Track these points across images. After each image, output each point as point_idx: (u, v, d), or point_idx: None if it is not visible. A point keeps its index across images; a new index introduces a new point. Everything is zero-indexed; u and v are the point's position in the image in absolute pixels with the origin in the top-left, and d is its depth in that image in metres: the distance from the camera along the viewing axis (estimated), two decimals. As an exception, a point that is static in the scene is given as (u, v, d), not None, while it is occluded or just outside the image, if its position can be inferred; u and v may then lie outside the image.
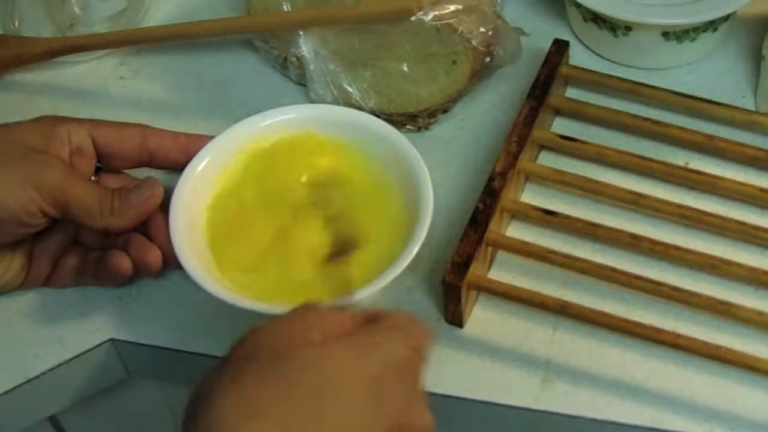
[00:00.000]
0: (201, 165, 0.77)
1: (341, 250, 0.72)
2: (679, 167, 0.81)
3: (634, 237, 0.77)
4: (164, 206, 0.76)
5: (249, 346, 0.58)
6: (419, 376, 0.60)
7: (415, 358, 0.60)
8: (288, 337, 0.57)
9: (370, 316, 0.61)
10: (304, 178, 0.78)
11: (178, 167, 0.77)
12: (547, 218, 0.79)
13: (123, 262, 0.75)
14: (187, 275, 0.72)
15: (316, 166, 0.79)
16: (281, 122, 0.80)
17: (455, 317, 0.76)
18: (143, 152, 0.77)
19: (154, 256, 0.76)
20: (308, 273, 0.73)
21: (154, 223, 0.76)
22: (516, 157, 0.80)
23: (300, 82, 0.90)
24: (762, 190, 0.80)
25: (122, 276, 0.76)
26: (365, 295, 0.70)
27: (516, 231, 0.81)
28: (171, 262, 0.75)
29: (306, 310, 0.60)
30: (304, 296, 0.64)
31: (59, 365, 0.77)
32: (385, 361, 0.58)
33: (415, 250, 0.71)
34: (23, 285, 0.78)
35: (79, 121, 0.77)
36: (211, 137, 0.78)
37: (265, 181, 0.78)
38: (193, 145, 0.78)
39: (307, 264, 0.74)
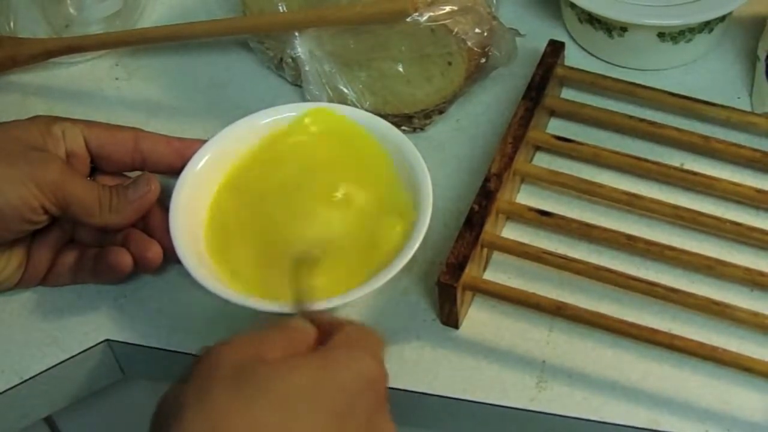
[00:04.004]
0: (200, 163, 0.77)
1: (307, 260, 0.71)
2: (675, 168, 0.82)
3: (630, 238, 0.77)
4: (162, 202, 0.76)
5: (212, 362, 0.57)
6: (384, 389, 0.60)
7: (380, 371, 0.59)
8: (250, 352, 0.57)
9: (325, 329, 0.61)
10: (302, 177, 0.78)
11: (171, 171, 0.77)
12: (543, 219, 0.79)
13: (124, 258, 0.76)
14: (183, 275, 0.72)
15: (314, 165, 0.79)
16: (280, 121, 0.80)
17: (451, 318, 0.76)
18: (136, 155, 0.77)
19: (154, 252, 0.76)
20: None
21: (152, 219, 0.77)
22: (511, 158, 0.80)
23: (295, 83, 0.90)
24: (757, 191, 0.80)
25: (123, 272, 0.76)
26: (362, 296, 0.70)
27: (511, 232, 0.81)
28: (170, 258, 0.76)
29: (260, 330, 0.60)
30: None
31: (54, 366, 0.77)
32: (352, 375, 0.57)
33: (412, 251, 0.71)
34: (20, 283, 0.78)
35: (73, 121, 0.77)
36: (206, 141, 0.78)
37: (263, 179, 0.78)
38: (188, 149, 0.78)
39: None
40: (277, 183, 0.78)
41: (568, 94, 0.88)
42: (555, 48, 0.86)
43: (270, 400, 0.55)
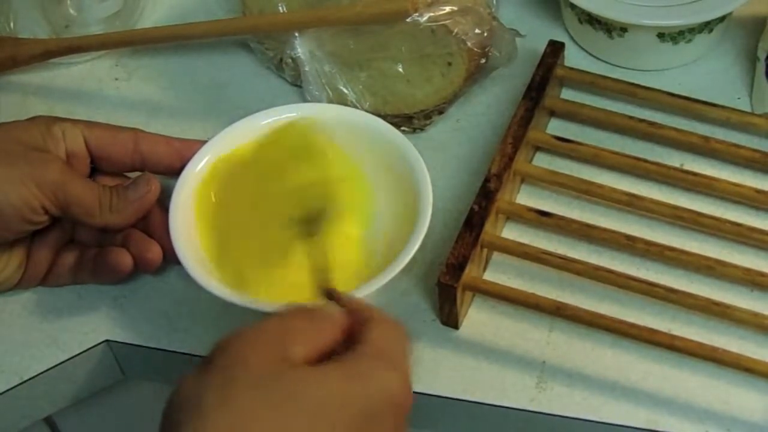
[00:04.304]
0: (200, 164, 0.77)
1: (312, 219, 0.71)
2: (675, 168, 0.82)
3: (630, 238, 0.77)
4: (162, 202, 0.76)
5: (233, 355, 0.56)
6: (408, 410, 0.59)
7: (407, 392, 0.59)
8: (276, 350, 0.57)
9: (356, 319, 0.60)
10: (302, 177, 0.78)
11: (171, 172, 0.77)
12: (543, 219, 0.79)
13: (124, 259, 0.76)
14: (182, 276, 0.72)
15: (314, 165, 0.79)
16: (280, 121, 0.80)
17: (450, 319, 0.76)
18: (135, 156, 0.77)
19: (154, 252, 0.76)
20: (304, 273, 0.73)
21: (152, 219, 0.77)
22: (511, 159, 0.80)
23: (295, 84, 0.90)
24: (757, 191, 0.80)
25: (123, 272, 0.76)
26: (362, 297, 0.70)
27: (511, 232, 0.81)
28: (170, 258, 0.76)
29: (286, 318, 0.59)
30: (301, 295, 0.64)
31: (55, 366, 0.77)
32: (378, 393, 0.57)
33: (412, 252, 0.71)
34: (20, 284, 0.78)
35: (73, 121, 0.77)
36: (206, 141, 0.78)
37: (263, 180, 0.78)
38: (187, 150, 0.78)
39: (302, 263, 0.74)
40: (277, 183, 0.78)
41: (567, 94, 0.88)
42: (555, 48, 0.86)
43: (296, 410, 0.54)
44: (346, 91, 0.86)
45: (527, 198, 0.83)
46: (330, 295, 0.62)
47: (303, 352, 0.57)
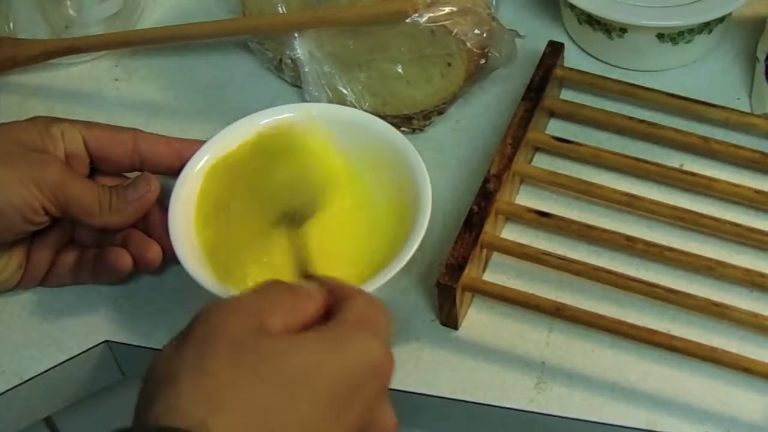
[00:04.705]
0: (200, 164, 0.77)
1: (297, 212, 0.71)
2: (674, 169, 0.82)
3: (629, 239, 0.77)
4: (161, 202, 0.76)
5: (209, 326, 0.56)
6: (389, 378, 0.58)
7: (387, 359, 0.58)
8: (253, 320, 0.56)
9: (335, 295, 0.60)
10: (301, 177, 0.78)
11: (170, 172, 0.77)
12: (542, 220, 0.79)
13: (124, 259, 0.76)
14: (182, 275, 0.72)
15: (314, 165, 0.79)
16: (280, 121, 0.80)
17: (450, 319, 0.76)
18: (135, 156, 0.77)
19: (154, 252, 0.76)
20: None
21: (151, 219, 0.77)
22: (511, 159, 0.80)
23: (295, 84, 0.90)
24: (757, 191, 0.80)
25: (122, 272, 0.76)
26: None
27: (511, 233, 0.81)
28: (169, 258, 0.76)
29: (266, 290, 0.59)
30: None
31: (54, 367, 0.77)
32: (358, 360, 0.56)
33: (412, 252, 0.71)
34: (20, 284, 0.78)
35: (72, 122, 0.77)
36: (205, 141, 0.78)
37: (263, 179, 0.78)
38: (187, 150, 0.77)
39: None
40: (276, 183, 0.78)
41: (567, 95, 0.88)
42: (554, 49, 0.86)
43: (271, 378, 0.54)
44: (345, 91, 0.86)
45: (527, 198, 0.83)
46: (309, 277, 0.62)
47: (281, 323, 0.57)
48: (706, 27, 0.87)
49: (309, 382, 0.54)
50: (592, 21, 0.89)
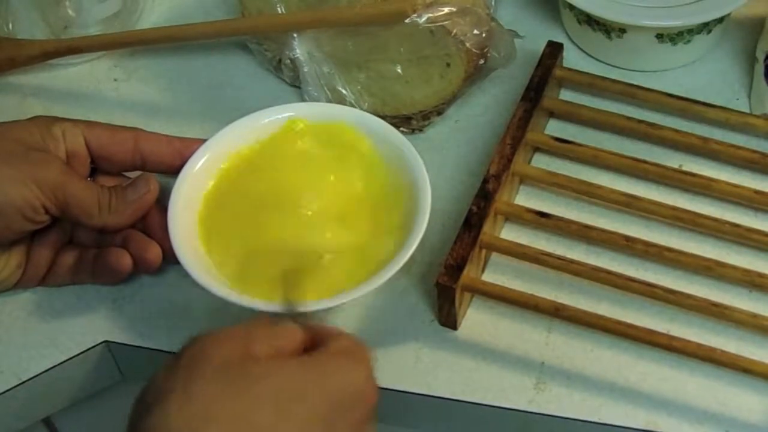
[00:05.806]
0: (199, 163, 0.78)
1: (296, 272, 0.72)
2: (674, 169, 0.82)
3: (628, 239, 0.77)
4: (161, 202, 0.76)
5: (199, 353, 0.57)
6: (373, 404, 0.60)
7: (371, 385, 0.60)
8: (237, 346, 0.57)
9: (316, 336, 0.61)
10: (301, 177, 0.78)
11: (171, 171, 0.77)
12: (541, 220, 0.79)
13: (123, 259, 0.76)
14: (182, 276, 0.72)
15: (313, 165, 0.79)
16: (279, 120, 0.80)
17: (449, 319, 0.76)
18: (136, 155, 0.77)
19: (154, 253, 0.76)
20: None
21: (151, 220, 0.77)
22: (510, 160, 0.80)
23: (294, 84, 0.90)
24: (756, 192, 0.80)
25: (122, 272, 0.76)
26: (359, 297, 0.70)
27: (510, 233, 0.81)
28: (169, 258, 0.76)
29: (251, 323, 0.60)
30: None
31: (53, 367, 0.77)
32: (343, 384, 0.58)
33: (410, 252, 0.71)
34: (19, 284, 0.78)
35: (73, 121, 0.77)
36: (206, 140, 0.78)
37: (262, 179, 0.78)
38: (188, 149, 0.78)
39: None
40: (276, 184, 0.78)
41: (566, 95, 0.88)
42: (553, 49, 0.86)
43: (258, 397, 0.55)
44: (344, 92, 0.86)
45: (526, 199, 0.83)
46: (296, 319, 0.63)
47: (266, 351, 0.58)
48: (705, 27, 0.87)
49: (294, 404, 0.56)
50: (591, 21, 0.89)
